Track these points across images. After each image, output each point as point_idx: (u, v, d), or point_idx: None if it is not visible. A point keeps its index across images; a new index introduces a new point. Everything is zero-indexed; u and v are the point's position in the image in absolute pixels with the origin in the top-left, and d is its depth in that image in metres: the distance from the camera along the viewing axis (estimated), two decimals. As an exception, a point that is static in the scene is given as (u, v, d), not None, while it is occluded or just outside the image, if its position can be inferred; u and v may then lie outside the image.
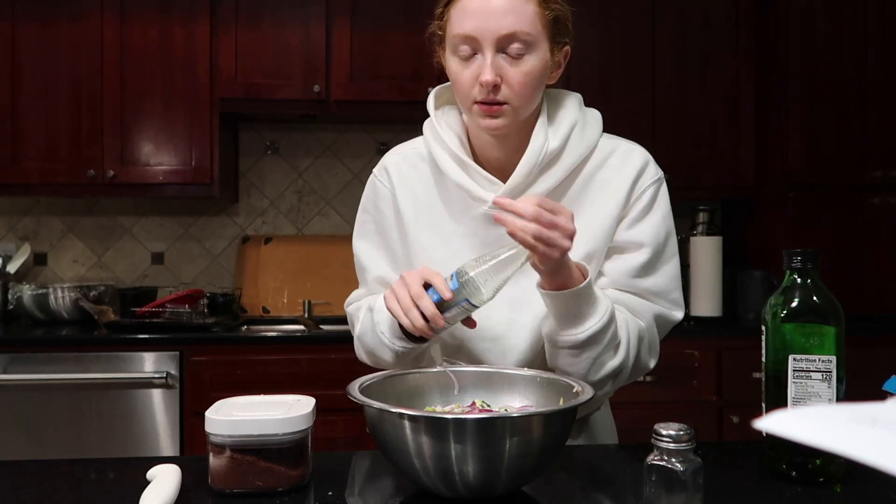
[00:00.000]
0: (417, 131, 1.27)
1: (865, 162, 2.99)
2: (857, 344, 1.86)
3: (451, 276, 1.00)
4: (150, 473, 0.94)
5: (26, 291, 2.90)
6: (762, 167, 3.09)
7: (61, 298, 2.88)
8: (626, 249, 1.17)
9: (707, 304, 2.96)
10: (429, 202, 1.23)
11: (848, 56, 2.99)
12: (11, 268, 3.09)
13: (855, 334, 1.56)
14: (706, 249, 2.99)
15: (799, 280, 0.98)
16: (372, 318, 1.17)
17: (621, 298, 1.16)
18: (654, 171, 1.19)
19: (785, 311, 0.98)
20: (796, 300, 0.98)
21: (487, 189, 1.17)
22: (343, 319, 1.77)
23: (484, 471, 0.84)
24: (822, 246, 2.86)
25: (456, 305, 1.00)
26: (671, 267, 1.19)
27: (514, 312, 1.20)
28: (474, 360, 1.22)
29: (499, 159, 1.20)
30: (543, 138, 1.15)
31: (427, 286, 1.02)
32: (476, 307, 1.00)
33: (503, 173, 1.18)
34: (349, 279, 1.37)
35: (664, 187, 1.20)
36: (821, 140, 2.98)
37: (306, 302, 3.15)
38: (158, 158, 2.93)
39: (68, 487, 0.97)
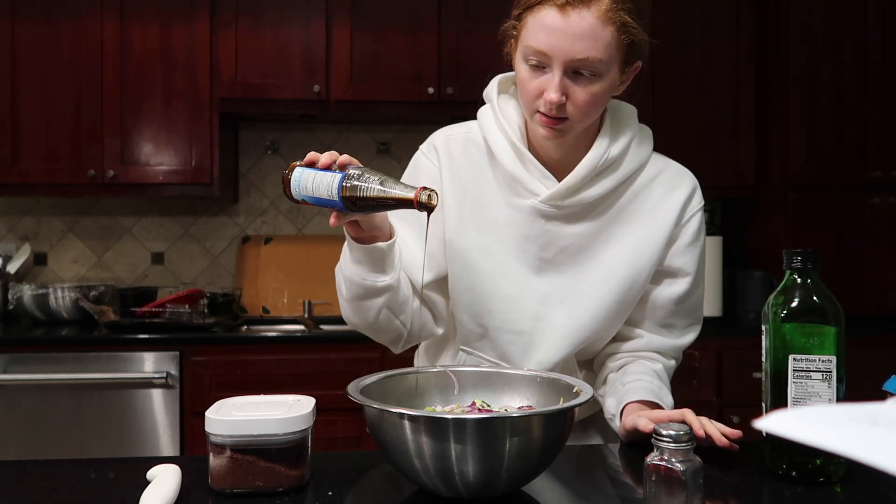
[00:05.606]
0: (418, 131, 1.27)
1: (865, 162, 2.99)
2: (857, 344, 1.86)
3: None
4: (150, 473, 0.94)
5: (26, 291, 2.90)
6: (762, 167, 3.09)
7: (61, 298, 2.88)
8: (675, 275, 1.24)
9: (707, 304, 2.94)
10: (474, 188, 1.21)
11: (848, 56, 2.99)
12: (11, 268, 3.09)
13: (855, 334, 1.56)
14: (706, 249, 2.99)
15: (799, 280, 0.98)
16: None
17: (664, 362, 1.30)
18: (700, 197, 1.25)
19: (785, 311, 0.98)
20: (796, 300, 0.97)
21: (541, 182, 1.18)
22: (343, 319, 1.77)
23: (484, 471, 0.84)
24: (822, 246, 2.86)
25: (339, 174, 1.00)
26: (702, 289, 1.29)
27: (544, 309, 1.20)
28: (496, 351, 1.22)
29: (554, 157, 1.20)
30: (607, 144, 1.18)
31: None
32: (344, 197, 1.00)
33: (556, 170, 1.19)
34: (349, 279, 1.37)
35: (703, 214, 1.27)
36: (821, 140, 2.98)
37: (306, 302, 3.15)
38: (158, 158, 2.93)
39: (68, 487, 0.97)
